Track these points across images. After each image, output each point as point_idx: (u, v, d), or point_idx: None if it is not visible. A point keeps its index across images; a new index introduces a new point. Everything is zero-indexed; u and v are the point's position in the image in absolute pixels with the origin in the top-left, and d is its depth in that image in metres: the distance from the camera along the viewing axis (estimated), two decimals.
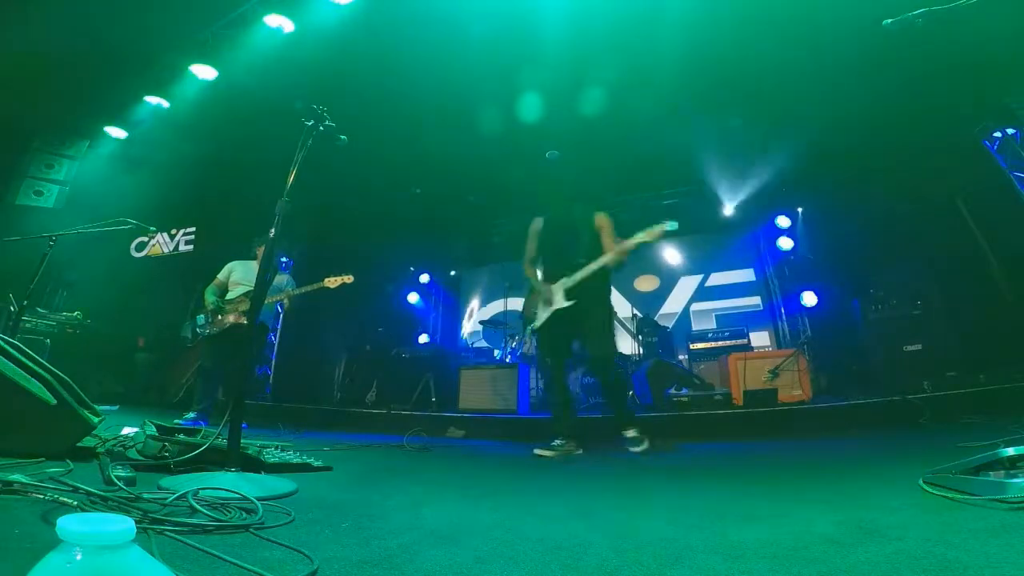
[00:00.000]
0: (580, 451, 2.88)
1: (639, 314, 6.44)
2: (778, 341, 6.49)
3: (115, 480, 1.35)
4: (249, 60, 4.74)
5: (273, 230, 1.99)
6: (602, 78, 4.97)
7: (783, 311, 6.60)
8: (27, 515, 1.07)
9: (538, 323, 3.08)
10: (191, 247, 7.22)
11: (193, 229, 7.26)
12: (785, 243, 6.61)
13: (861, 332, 4.81)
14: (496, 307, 7.94)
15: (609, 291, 3.14)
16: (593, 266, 2.93)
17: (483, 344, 7.49)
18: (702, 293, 7.42)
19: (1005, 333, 4.07)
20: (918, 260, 4.88)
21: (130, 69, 5.13)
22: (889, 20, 1.96)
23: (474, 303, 8.67)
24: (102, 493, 1.21)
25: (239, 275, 4.27)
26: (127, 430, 2.28)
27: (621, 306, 7.35)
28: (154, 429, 2.07)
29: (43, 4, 4.32)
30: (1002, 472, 1.25)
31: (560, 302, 2.98)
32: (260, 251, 4.26)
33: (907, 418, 3.26)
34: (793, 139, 5.47)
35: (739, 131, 5.62)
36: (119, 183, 5.92)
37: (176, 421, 3.27)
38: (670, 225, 2.79)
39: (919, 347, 4.26)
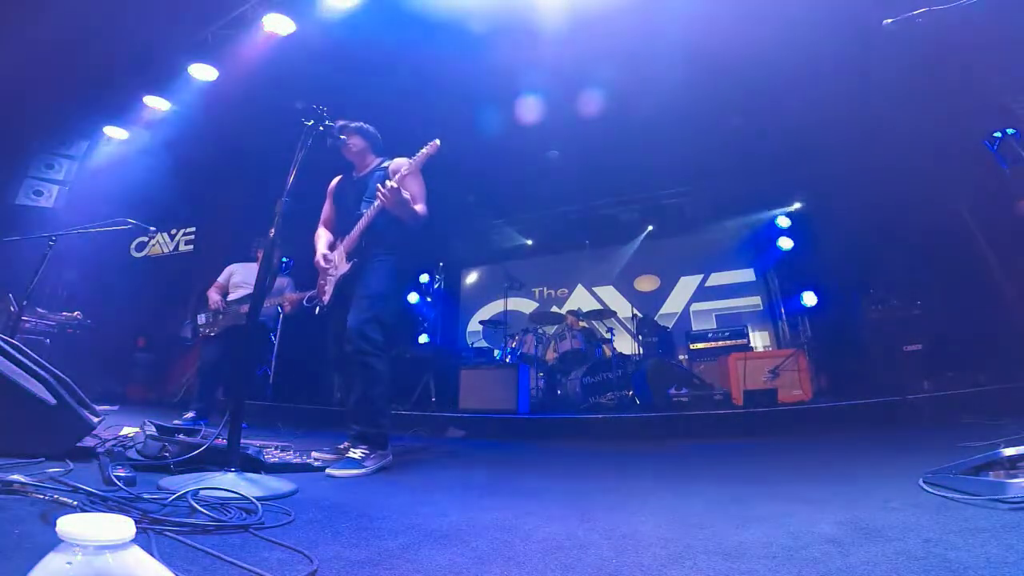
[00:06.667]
0: (390, 456, 2.36)
1: (639, 314, 6.44)
2: (778, 341, 6.49)
3: (115, 480, 1.36)
4: (249, 60, 4.74)
5: (273, 230, 1.99)
6: (601, 78, 4.97)
7: (783, 311, 6.60)
8: (27, 515, 1.07)
9: None
10: (191, 247, 7.22)
11: (193, 229, 7.26)
12: (785, 243, 6.62)
13: (861, 332, 4.81)
14: (496, 307, 7.94)
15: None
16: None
17: (483, 344, 7.48)
18: (702, 293, 7.42)
19: (1005, 333, 4.07)
20: (918, 260, 4.87)
21: (130, 69, 5.12)
22: (889, 20, 1.96)
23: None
24: (102, 493, 1.21)
25: (240, 277, 4.27)
26: (127, 430, 2.28)
27: (621, 306, 7.37)
28: (154, 429, 2.07)
29: (43, 4, 4.32)
30: (1002, 472, 1.25)
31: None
32: (260, 253, 4.26)
33: (907, 418, 3.26)
34: (794, 139, 5.47)
35: (738, 131, 5.62)
36: (119, 183, 5.92)
37: (176, 421, 3.27)
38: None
39: (919, 347, 4.26)
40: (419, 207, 2.53)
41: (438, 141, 2.41)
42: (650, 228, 7.85)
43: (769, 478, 2.02)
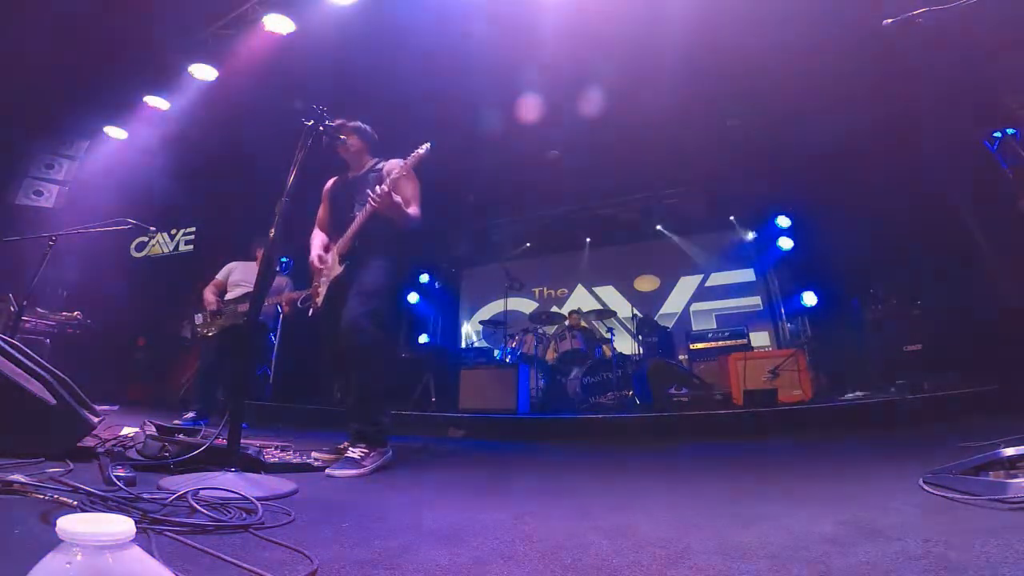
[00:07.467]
0: (390, 453, 2.35)
1: (639, 314, 6.44)
2: (778, 341, 6.50)
3: (115, 480, 1.35)
4: (249, 60, 4.74)
5: (273, 231, 1.99)
6: (602, 78, 4.97)
7: (783, 311, 6.61)
8: (27, 515, 1.07)
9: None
10: (191, 247, 7.22)
11: (193, 229, 7.27)
12: (785, 243, 6.62)
13: (861, 332, 4.81)
14: (496, 307, 7.94)
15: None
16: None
17: (483, 344, 7.48)
18: (702, 293, 7.43)
19: (1005, 333, 4.06)
20: (918, 260, 4.87)
21: (130, 69, 5.13)
22: (889, 20, 1.96)
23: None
24: (102, 493, 1.21)
25: (238, 276, 4.27)
26: (127, 430, 2.28)
27: (621, 306, 7.37)
28: (154, 429, 2.07)
29: (43, 4, 4.32)
30: (1002, 472, 1.25)
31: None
32: (260, 252, 4.26)
33: (907, 418, 3.26)
34: (793, 138, 5.47)
35: (738, 131, 5.62)
36: (119, 183, 5.92)
37: (176, 421, 3.27)
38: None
39: (919, 347, 4.26)
40: (412, 209, 2.52)
41: (429, 144, 2.41)
42: (658, 227, 7.84)
43: (769, 478, 2.02)
